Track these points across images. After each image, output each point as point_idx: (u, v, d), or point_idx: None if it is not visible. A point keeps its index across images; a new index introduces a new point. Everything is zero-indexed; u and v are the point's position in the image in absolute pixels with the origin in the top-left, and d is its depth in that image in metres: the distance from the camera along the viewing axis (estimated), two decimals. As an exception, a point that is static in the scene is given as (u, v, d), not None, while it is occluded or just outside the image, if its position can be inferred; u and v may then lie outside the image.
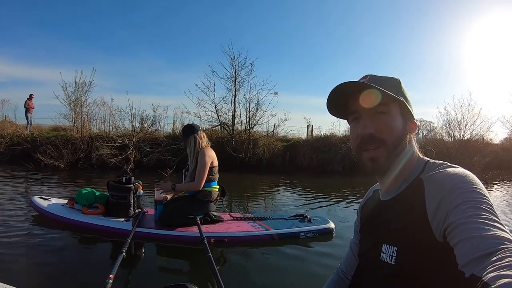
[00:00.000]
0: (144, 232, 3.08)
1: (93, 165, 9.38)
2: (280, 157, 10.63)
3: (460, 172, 0.63)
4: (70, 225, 3.34)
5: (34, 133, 11.16)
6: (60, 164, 9.11)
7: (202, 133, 3.44)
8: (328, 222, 3.50)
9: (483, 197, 0.56)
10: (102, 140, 9.96)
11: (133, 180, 3.54)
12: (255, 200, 5.96)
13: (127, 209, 3.39)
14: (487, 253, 0.46)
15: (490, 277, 0.42)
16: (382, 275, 0.69)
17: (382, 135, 0.68)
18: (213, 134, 10.78)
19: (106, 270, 1.86)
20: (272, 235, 3.18)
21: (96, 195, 3.54)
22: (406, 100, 0.71)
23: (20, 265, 2.53)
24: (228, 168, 9.41)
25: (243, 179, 8.52)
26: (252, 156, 10.20)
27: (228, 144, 10.19)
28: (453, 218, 0.54)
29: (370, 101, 0.67)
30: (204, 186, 3.26)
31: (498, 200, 6.27)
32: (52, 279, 2.31)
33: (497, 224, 0.51)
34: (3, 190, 5.66)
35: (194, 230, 3.04)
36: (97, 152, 9.52)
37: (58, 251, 2.83)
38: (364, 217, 0.87)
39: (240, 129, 11.36)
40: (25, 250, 2.82)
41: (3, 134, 10.82)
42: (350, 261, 0.92)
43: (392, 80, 0.73)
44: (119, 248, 2.24)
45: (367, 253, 0.79)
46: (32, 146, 9.93)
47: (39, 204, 3.67)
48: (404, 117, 0.71)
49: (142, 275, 2.52)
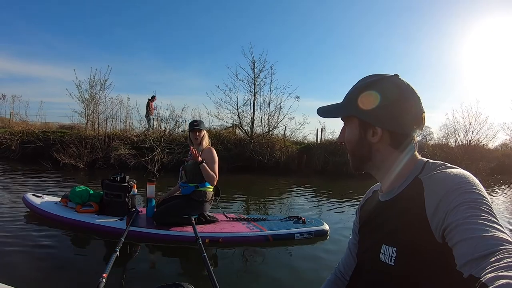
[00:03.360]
0: (138, 231, 3.06)
1: (114, 165, 8.95)
2: (296, 159, 10.66)
3: (459, 173, 0.63)
4: (63, 223, 3.30)
5: (44, 130, 10.75)
6: (79, 163, 8.74)
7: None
8: (322, 224, 3.51)
9: (482, 198, 0.56)
10: (119, 139, 9.66)
11: (128, 178, 3.52)
12: (269, 201, 5.94)
13: (121, 208, 3.36)
14: (486, 254, 0.47)
15: (488, 278, 0.42)
16: (381, 275, 0.69)
17: (347, 144, 0.79)
18: (231, 135, 10.80)
19: (99, 269, 1.85)
20: (266, 236, 3.18)
21: (90, 193, 3.51)
22: (359, 112, 0.73)
23: (12, 263, 2.49)
24: (247, 169, 9.52)
25: (259, 180, 8.48)
26: (270, 158, 10.22)
27: (247, 146, 10.22)
28: (452, 219, 0.54)
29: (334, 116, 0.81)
30: (199, 186, 3.25)
31: (505, 205, 6.34)
32: (45, 277, 2.28)
33: (496, 225, 0.51)
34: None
35: (189, 230, 3.03)
36: (116, 152, 9.18)
37: (51, 249, 2.79)
38: (363, 218, 0.87)
39: (261, 131, 11.39)
40: (16, 248, 2.77)
41: (13, 131, 10.38)
42: (348, 261, 0.92)
43: (350, 95, 0.77)
44: (113, 247, 2.22)
45: (366, 254, 0.79)
46: (45, 145, 9.60)
47: (32, 201, 3.62)
48: (363, 128, 0.74)
49: (136, 274, 2.50)
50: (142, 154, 9.10)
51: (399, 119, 0.70)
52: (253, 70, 11.53)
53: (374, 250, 0.72)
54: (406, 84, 0.72)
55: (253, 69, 11.53)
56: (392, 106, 0.70)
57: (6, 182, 6.09)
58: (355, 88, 0.76)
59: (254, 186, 7.59)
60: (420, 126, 0.72)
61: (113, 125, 11.49)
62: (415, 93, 0.72)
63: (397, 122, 0.70)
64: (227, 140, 10.25)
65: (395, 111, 0.70)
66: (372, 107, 0.71)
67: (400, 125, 0.71)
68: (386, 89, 0.71)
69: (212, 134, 10.07)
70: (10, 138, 9.99)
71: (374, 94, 0.71)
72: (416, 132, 0.73)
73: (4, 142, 9.89)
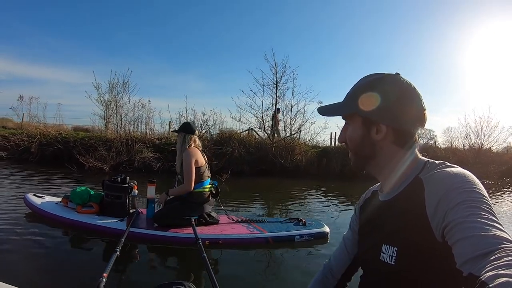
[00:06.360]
0: (138, 232, 3.05)
1: (138, 168, 8.80)
2: (315, 163, 10.70)
3: (459, 172, 0.63)
4: (64, 224, 3.30)
5: (60, 132, 10.53)
6: (105, 166, 8.56)
7: (195, 137, 3.38)
8: (323, 226, 3.50)
9: (482, 197, 0.57)
10: (141, 142, 9.56)
11: (128, 179, 3.53)
12: (282, 203, 5.90)
13: (121, 208, 3.36)
14: (485, 253, 0.47)
15: (488, 276, 0.42)
16: (382, 275, 0.70)
17: (349, 143, 0.78)
18: (252, 139, 10.84)
19: (99, 269, 1.84)
20: (267, 238, 3.18)
21: (91, 194, 3.51)
22: (359, 110, 0.73)
23: (12, 262, 2.49)
24: (268, 173, 9.56)
25: (280, 184, 8.45)
26: (291, 162, 10.24)
27: (268, 150, 10.25)
28: (452, 217, 0.55)
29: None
30: (194, 188, 3.24)
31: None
32: (45, 276, 2.28)
33: (496, 224, 0.52)
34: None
35: (189, 231, 3.03)
36: (140, 155, 9.09)
37: (51, 249, 2.79)
38: (363, 218, 0.87)
39: (284, 135, 11.44)
40: (17, 247, 2.77)
41: (30, 134, 10.11)
42: (342, 257, 0.92)
43: (353, 93, 0.77)
44: (113, 247, 2.22)
45: (366, 254, 0.79)
46: (64, 147, 9.44)
47: (33, 202, 3.62)
48: (367, 126, 0.73)
49: (136, 274, 2.50)
50: (165, 157, 9.07)
51: (403, 116, 0.71)
52: (275, 75, 11.56)
53: (374, 250, 0.72)
54: (407, 82, 0.73)
55: (275, 74, 11.55)
56: (395, 103, 0.71)
57: (12, 183, 6.06)
58: (356, 87, 0.77)
59: (274, 189, 7.58)
60: (422, 123, 0.73)
61: (134, 128, 11.33)
62: (416, 91, 0.72)
63: (400, 119, 0.71)
64: (249, 143, 10.29)
65: (398, 109, 0.71)
66: (374, 105, 0.71)
67: (404, 122, 0.71)
68: (388, 88, 0.72)
69: (234, 137, 10.19)
70: (28, 140, 9.78)
71: (376, 93, 0.72)
72: (418, 130, 0.74)
73: (22, 144, 9.72)
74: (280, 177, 9.24)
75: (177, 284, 0.87)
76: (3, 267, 2.37)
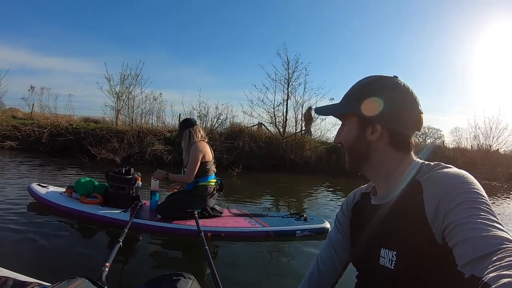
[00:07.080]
0: (141, 223, 3.09)
1: (150, 160, 8.82)
2: (325, 159, 10.71)
3: (457, 172, 0.63)
4: (68, 214, 3.34)
5: (71, 123, 10.54)
6: (117, 158, 8.58)
7: (199, 127, 3.42)
8: (323, 222, 3.51)
9: (481, 197, 0.56)
10: (152, 135, 9.60)
11: (133, 171, 3.55)
12: (288, 198, 5.93)
13: (125, 200, 3.39)
14: (487, 254, 0.46)
15: (490, 277, 0.41)
16: (381, 280, 0.69)
17: (344, 143, 0.78)
18: (262, 134, 10.87)
19: (102, 259, 1.87)
20: (268, 232, 3.19)
21: (95, 184, 3.54)
22: (356, 110, 0.73)
23: (16, 250, 2.53)
24: (278, 168, 9.58)
25: (289, 179, 8.47)
26: (300, 158, 10.26)
27: (279, 145, 10.27)
28: (452, 219, 0.54)
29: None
30: (198, 181, 3.27)
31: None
32: (48, 265, 2.31)
33: (496, 224, 0.51)
34: (3, 175, 5.65)
35: (191, 223, 3.05)
36: (151, 147, 9.14)
37: (55, 238, 2.83)
38: (356, 223, 0.85)
39: (294, 131, 11.46)
40: (21, 236, 2.81)
41: (40, 124, 10.15)
42: (330, 258, 0.90)
43: (350, 94, 0.77)
44: (116, 238, 2.25)
45: (364, 258, 0.77)
46: (75, 138, 9.51)
47: (37, 191, 3.67)
48: (362, 126, 0.73)
49: (138, 264, 2.53)
50: (176, 150, 9.06)
51: (399, 118, 0.71)
52: (287, 70, 11.53)
53: (373, 255, 0.71)
54: (404, 85, 0.72)
55: (287, 69, 11.52)
56: (391, 105, 0.70)
57: (21, 173, 6.12)
58: (354, 88, 0.77)
59: (282, 184, 7.59)
60: (419, 126, 0.73)
61: (145, 121, 11.41)
62: (414, 94, 0.72)
63: (396, 121, 0.71)
64: (259, 138, 10.29)
65: (395, 111, 0.70)
66: (378, 110, 0.71)
67: (400, 124, 0.71)
68: (386, 90, 0.71)
69: (245, 132, 10.23)
70: (39, 131, 9.85)
71: (374, 96, 0.72)
72: (414, 133, 0.73)
73: (33, 135, 9.78)
74: (289, 172, 9.25)
75: (177, 275, 0.88)
76: (7, 255, 2.41)
